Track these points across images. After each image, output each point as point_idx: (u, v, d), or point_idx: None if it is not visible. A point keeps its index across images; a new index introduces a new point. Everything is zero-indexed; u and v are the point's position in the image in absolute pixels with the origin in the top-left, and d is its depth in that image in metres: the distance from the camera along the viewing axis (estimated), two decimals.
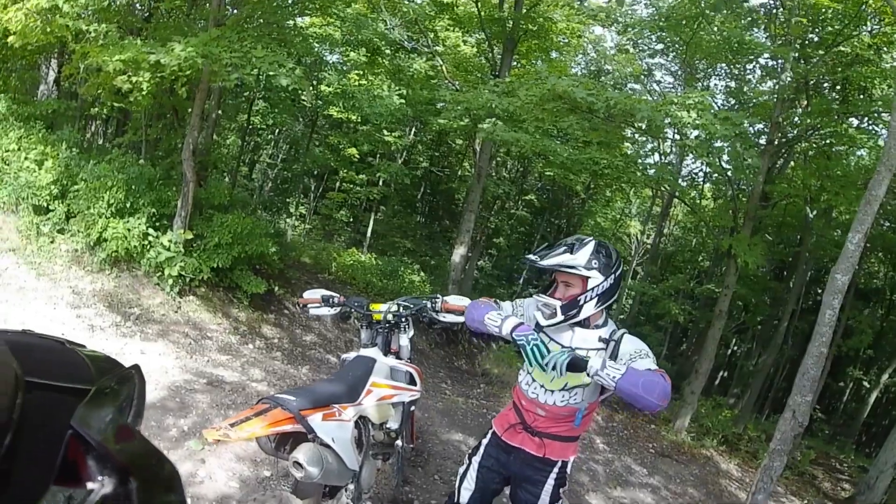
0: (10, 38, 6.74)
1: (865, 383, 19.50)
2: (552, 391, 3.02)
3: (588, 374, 2.64)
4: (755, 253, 9.54)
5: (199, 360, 6.25)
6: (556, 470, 3.14)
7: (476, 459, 3.31)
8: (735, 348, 22.94)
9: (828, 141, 10.71)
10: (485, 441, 3.34)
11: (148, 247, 7.43)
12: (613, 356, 2.82)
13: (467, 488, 3.31)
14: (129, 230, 7.28)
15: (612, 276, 2.89)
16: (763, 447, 10.31)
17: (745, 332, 20.77)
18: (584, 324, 2.95)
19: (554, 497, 3.17)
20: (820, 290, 19.98)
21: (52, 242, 7.25)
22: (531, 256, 2.92)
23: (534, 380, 3.09)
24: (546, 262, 2.85)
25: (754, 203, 10.08)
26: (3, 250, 6.82)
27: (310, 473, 2.76)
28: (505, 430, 3.20)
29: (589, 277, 2.85)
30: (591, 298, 2.87)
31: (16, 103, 8.48)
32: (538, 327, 2.98)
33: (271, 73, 6.47)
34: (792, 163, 12.36)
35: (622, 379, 2.56)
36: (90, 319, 6.15)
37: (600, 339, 2.91)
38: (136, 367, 0.96)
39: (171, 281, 7.50)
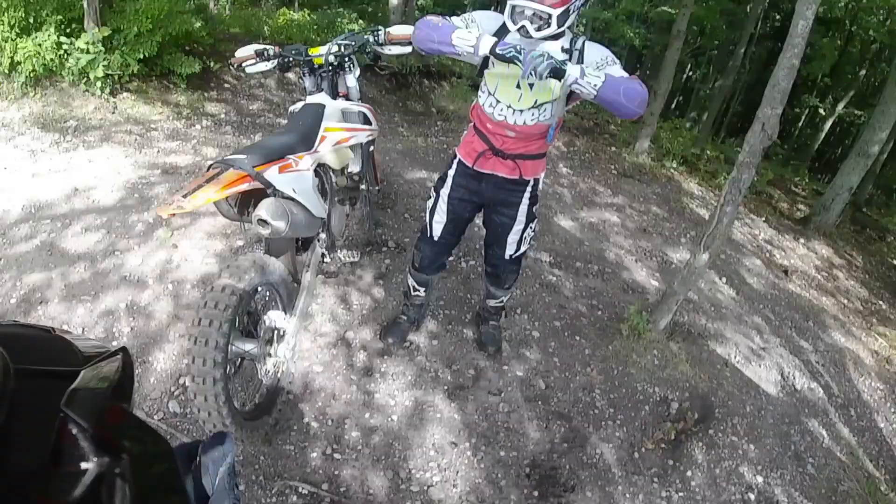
0: None
1: (821, 111, 19.87)
2: (521, 111, 2.90)
3: (567, 83, 2.53)
4: None
5: (148, 153, 6.07)
6: (529, 188, 3.17)
7: (444, 192, 3.29)
8: (691, 73, 22.98)
9: None
10: (451, 172, 3.28)
11: (65, 56, 6.90)
12: (579, 62, 2.72)
13: (439, 221, 3.33)
14: (40, 45, 6.72)
15: None
16: (721, 166, 10.66)
17: (702, 56, 20.67)
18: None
19: (529, 216, 3.24)
20: (778, 16, 19.69)
21: None
22: None
23: (498, 101, 2.93)
24: None
25: None
26: None
27: (276, 228, 2.70)
28: (475, 159, 3.12)
29: None
30: (574, 11, 2.66)
31: None
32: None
33: None
34: None
35: (603, 86, 2.50)
36: (28, 146, 5.85)
37: (563, 50, 2.75)
38: (124, 349, 0.97)
39: (98, 83, 7.06)
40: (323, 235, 3.45)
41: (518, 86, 2.83)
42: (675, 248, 6.47)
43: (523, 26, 2.64)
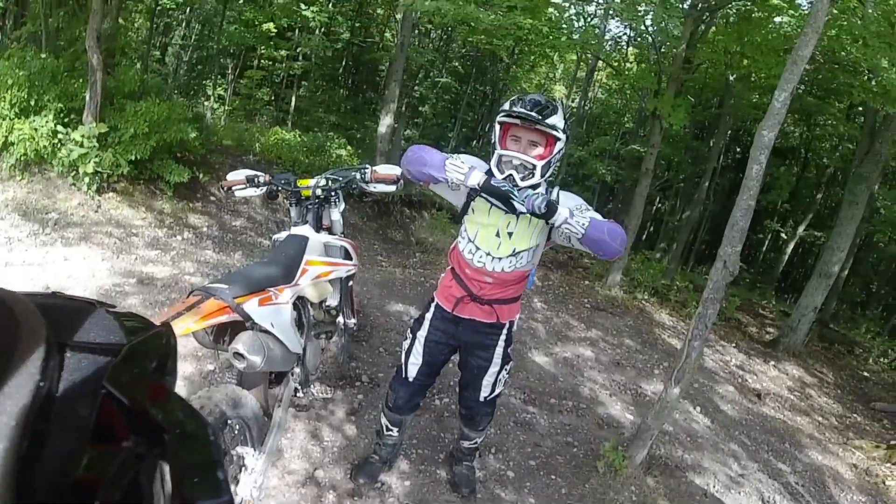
0: None
1: (783, 234, 20.67)
2: (499, 258, 3.02)
3: (557, 223, 2.70)
4: (679, 114, 9.73)
5: (126, 259, 6.04)
6: (504, 331, 3.25)
7: (421, 334, 3.32)
8: (660, 205, 23.84)
9: (749, 7, 10.82)
10: (428, 315, 3.33)
11: (59, 145, 6.98)
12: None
13: (414, 363, 3.35)
14: (35, 130, 6.79)
15: (569, 141, 2.91)
16: (691, 296, 10.92)
17: (669, 190, 21.55)
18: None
19: (505, 358, 3.30)
20: (739, 149, 20.95)
21: None
22: (526, 111, 2.76)
23: (478, 248, 3.04)
24: (551, 121, 2.76)
25: (677, 66, 10.12)
26: None
27: (252, 362, 2.67)
28: (453, 304, 3.19)
29: (560, 140, 2.83)
30: (556, 161, 2.89)
31: None
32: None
33: None
34: (714, 28, 12.44)
35: (590, 226, 2.69)
36: (6, 232, 5.83)
37: None
38: (167, 325, 0.95)
39: (87, 179, 7.11)
40: (297, 370, 3.40)
41: (497, 234, 2.98)
42: (649, 381, 6.54)
43: (510, 175, 2.84)
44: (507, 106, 2.87)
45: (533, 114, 2.74)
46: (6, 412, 0.54)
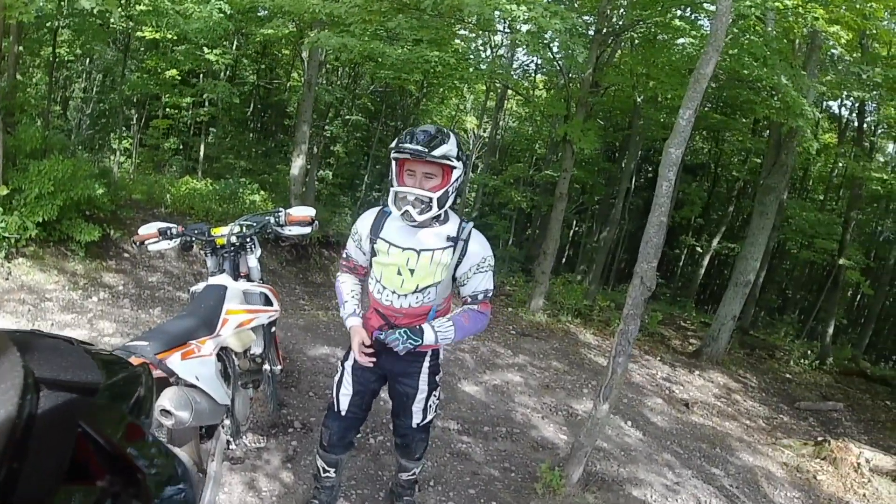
0: None
1: (698, 248, 21.34)
2: (404, 295, 3.05)
3: (424, 341, 2.90)
4: (589, 137, 9.97)
5: (41, 325, 5.78)
6: (427, 359, 3.25)
7: (348, 364, 3.31)
8: (577, 228, 24.40)
9: (653, 31, 11.13)
10: (353, 345, 3.29)
11: None
12: (460, 259, 2.95)
13: (345, 394, 3.32)
14: None
15: (464, 169, 2.90)
16: (614, 315, 11.12)
17: (585, 212, 22.14)
18: (429, 222, 2.95)
19: (432, 384, 3.29)
20: (650, 169, 21.59)
21: None
22: (413, 146, 2.78)
23: (384, 287, 3.08)
24: (438, 152, 2.76)
25: (585, 91, 10.40)
26: None
27: (180, 418, 2.63)
28: (371, 334, 3.16)
29: (455, 168, 2.84)
30: (455, 190, 2.89)
31: None
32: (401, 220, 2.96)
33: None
34: (619, 52, 12.84)
35: (456, 335, 3.01)
36: None
37: (448, 239, 2.96)
38: (145, 366, 0.99)
39: None
40: (227, 422, 3.34)
41: (399, 272, 2.99)
42: (579, 400, 6.62)
43: (407, 211, 2.85)
44: (396, 142, 2.89)
45: (419, 148, 2.76)
46: None
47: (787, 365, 11.47)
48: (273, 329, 4.17)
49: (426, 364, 3.26)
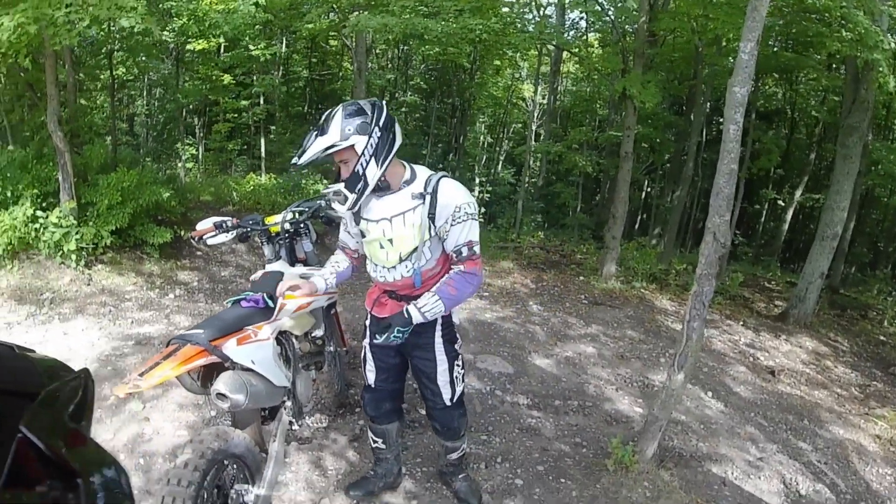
0: None
1: (780, 202, 20.11)
2: (392, 267, 3.04)
3: (414, 322, 2.90)
4: (650, 91, 9.46)
5: (122, 324, 6.21)
6: (438, 328, 3.18)
7: (366, 342, 3.38)
8: (648, 190, 23.48)
9: None
10: (367, 322, 3.37)
11: (40, 230, 7.15)
12: (432, 212, 2.85)
13: (370, 370, 3.42)
14: (15, 219, 6.97)
15: (377, 129, 2.78)
16: (691, 278, 10.63)
17: (656, 172, 21.20)
18: (388, 187, 2.90)
19: (450, 354, 3.23)
20: (721, 120, 20.44)
21: None
22: (294, 161, 2.84)
23: (375, 265, 3.12)
24: (305, 158, 2.80)
25: (641, 42, 9.95)
26: None
27: (235, 401, 2.76)
28: (373, 306, 3.24)
29: (353, 145, 2.75)
30: (367, 162, 2.78)
31: None
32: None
33: (112, 18, 6.06)
34: None
35: (446, 306, 2.96)
36: (4, 318, 6.01)
37: (414, 196, 2.88)
38: (86, 371, 0.97)
39: (73, 256, 7.27)
40: (289, 403, 3.46)
41: (381, 245, 3.00)
42: (656, 370, 6.35)
43: (333, 204, 2.99)
44: None
45: (295, 161, 2.86)
46: None
47: (881, 326, 10.54)
48: (333, 311, 4.34)
49: (438, 333, 3.20)
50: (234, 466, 2.93)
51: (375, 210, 2.95)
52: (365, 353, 3.40)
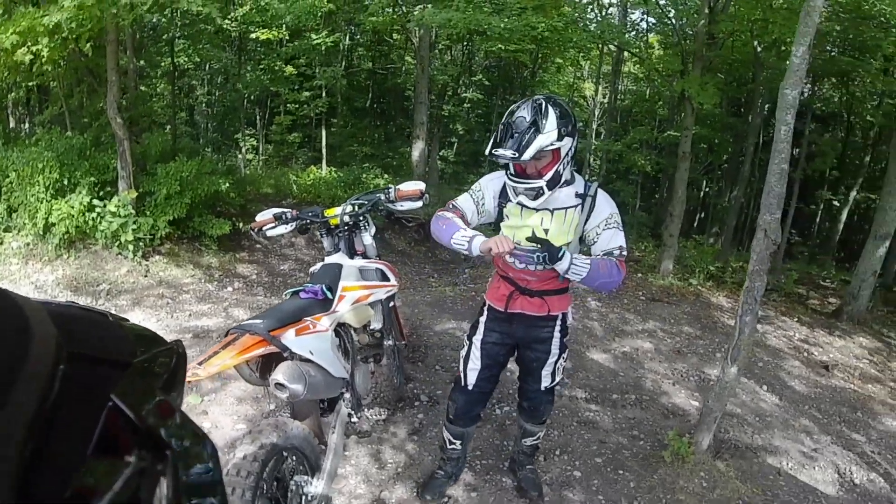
0: None
1: (835, 202, 19.87)
2: None
3: (559, 263, 2.83)
4: (708, 92, 9.51)
5: (180, 317, 6.21)
6: (558, 323, 3.27)
7: (477, 338, 3.36)
8: (706, 189, 23.26)
9: None
10: (482, 318, 3.38)
11: (98, 219, 7.10)
12: (590, 212, 2.96)
13: (473, 368, 3.38)
14: (72, 207, 6.93)
15: (577, 133, 2.89)
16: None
17: (713, 172, 21.08)
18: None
19: (562, 347, 3.32)
20: None
21: (0, 244, 7.00)
22: (503, 152, 2.78)
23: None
24: (528, 154, 2.75)
25: (700, 44, 9.96)
26: None
27: (294, 391, 2.72)
28: (505, 301, 3.24)
29: (561, 147, 2.83)
30: (567, 164, 2.90)
31: None
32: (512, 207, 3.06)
33: (174, 2, 6.04)
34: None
35: (588, 277, 2.88)
36: None
37: (577, 195, 2.99)
38: (178, 343, 0.97)
39: (130, 246, 7.25)
40: (348, 395, 3.44)
41: (533, 234, 2.96)
42: (712, 365, 6.40)
43: (520, 200, 2.97)
44: (491, 144, 2.89)
45: (510, 154, 2.78)
46: (12, 418, 0.54)
47: None
48: (392, 304, 4.26)
49: (557, 328, 3.29)
50: (294, 458, 2.88)
51: (538, 199, 2.98)
52: (470, 350, 3.39)
